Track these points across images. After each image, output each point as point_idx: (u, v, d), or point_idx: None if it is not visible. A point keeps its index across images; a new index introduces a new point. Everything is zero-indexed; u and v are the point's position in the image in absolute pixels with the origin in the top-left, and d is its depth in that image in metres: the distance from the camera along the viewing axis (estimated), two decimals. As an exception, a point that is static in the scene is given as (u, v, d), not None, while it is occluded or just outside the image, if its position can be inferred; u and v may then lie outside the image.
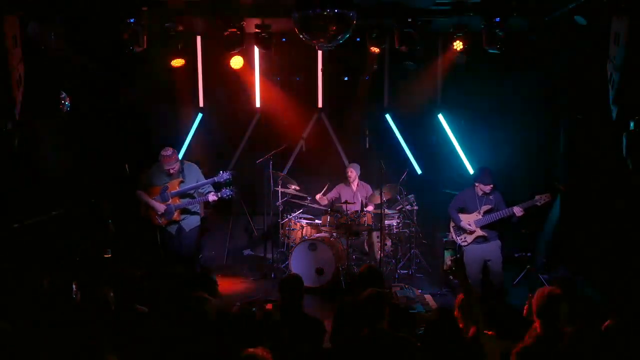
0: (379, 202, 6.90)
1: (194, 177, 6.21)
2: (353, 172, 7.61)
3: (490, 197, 6.01)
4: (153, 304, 4.10)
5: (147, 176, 6.16)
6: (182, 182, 6.11)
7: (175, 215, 6.04)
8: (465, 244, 6.09)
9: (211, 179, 6.15)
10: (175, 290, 4.45)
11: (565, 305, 3.20)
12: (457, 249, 6.47)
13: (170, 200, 6.01)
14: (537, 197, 5.77)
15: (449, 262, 7.21)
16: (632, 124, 4.53)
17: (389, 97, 8.72)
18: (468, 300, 3.61)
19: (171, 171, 6.06)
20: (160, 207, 6.02)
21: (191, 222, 6.18)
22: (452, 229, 6.26)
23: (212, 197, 6.06)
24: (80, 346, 3.21)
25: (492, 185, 5.95)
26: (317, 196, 7.60)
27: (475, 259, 6.03)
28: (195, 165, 6.40)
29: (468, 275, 6.09)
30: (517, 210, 5.79)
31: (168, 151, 6.05)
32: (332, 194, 7.71)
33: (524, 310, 3.52)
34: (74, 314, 3.69)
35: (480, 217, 5.99)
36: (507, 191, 6.18)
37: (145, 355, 3.37)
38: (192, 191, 6.17)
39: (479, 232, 5.99)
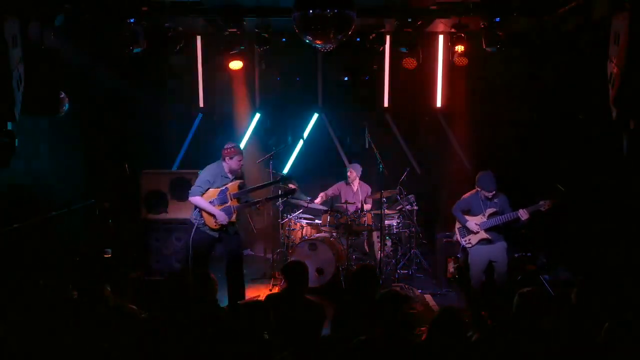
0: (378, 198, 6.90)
1: (245, 180, 6.07)
2: (353, 173, 7.62)
3: (495, 200, 5.97)
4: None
5: (205, 182, 5.82)
6: (240, 184, 5.92)
7: (233, 217, 5.81)
8: (470, 245, 6.05)
9: (272, 182, 6.15)
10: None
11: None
12: (460, 250, 6.43)
13: (230, 202, 5.80)
14: (541, 202, 5.74)
15: (451, 270, 7.21)
16: (632, 124, 4.52)
17: (389, 97, 8.72)
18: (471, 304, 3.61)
19: (240, 167, 5.86)
20: (221, 217, 5.71)
21: (234, 227, 6.01)
22: (456, 230, 6.21)
23: (260, 206, 5.96)
24: (78, 347, 3.22)
25: (494, 192, 5.93)
26: (316, 201, 7.61)
27: (480, 260, 5.98)
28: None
29: (471, 276, 6.07)
30: (523, 214, 5.75)
31: (233, 144, 5.87)
32: (332, 191, 7.71)
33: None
34: (72, 315, 3.68)
35: (485, 219, 5.97)
36: (508, 191, 6.17)
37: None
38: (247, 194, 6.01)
39: (484, 235, 5.96)
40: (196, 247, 5.82)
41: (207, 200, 5.73)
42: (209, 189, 5.77)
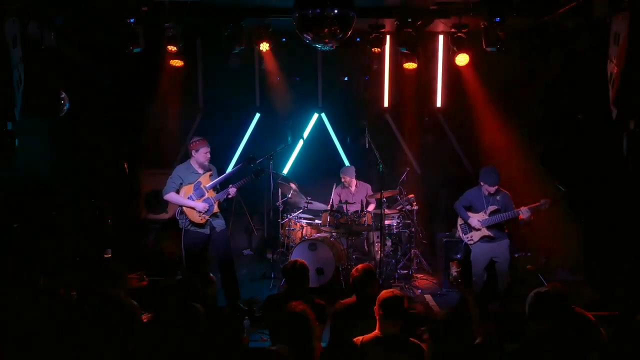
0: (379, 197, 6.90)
1: (216, 170, 6.19)
2: (347, 178, 7.59)
3: (497, 197, 5.98)
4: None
5: (177, 179, 5.92)
6: (211, 174, 6.04)
7: (215, 208, 5.92)
8: (472, 242, 6.05)
9: (240, 165, 6.18)
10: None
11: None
12: (462, 247, 6.41)
13: (207, 194, 5.91)
14: (542, 201, 5.74)
15: (454, 273, 7.18)
16: (632, 124, 4.53)
17: (388, 97, 8.73)
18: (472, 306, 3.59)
19: (208, 161, 5.96)
20: (201, 206, 5.83)
21: (221, 222, 6.08)
22: (458, 227, 6.22)
23: (232, 190, 5.96)
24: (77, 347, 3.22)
25: (497, 186, 5.93)
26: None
27: (482, 257, 5.98)
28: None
29: (473, 274, 6.06)
30: (524, 212, 5.76)
31: (197, 137, 5.97)
32: (333, 199, 7.69)
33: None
34: (72, 315, 3.69)
35: (487, 217, 5.97)
36: (508, 191, 6.17)
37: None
38: (218, 185, 6.11)
39: (485, 232, 5.96)
40: (189, 249, 5.87)
41: (184, 198, 5.84)
42: (181, 184, 5.88)
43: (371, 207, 7.58)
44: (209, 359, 3.30)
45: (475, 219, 6.00)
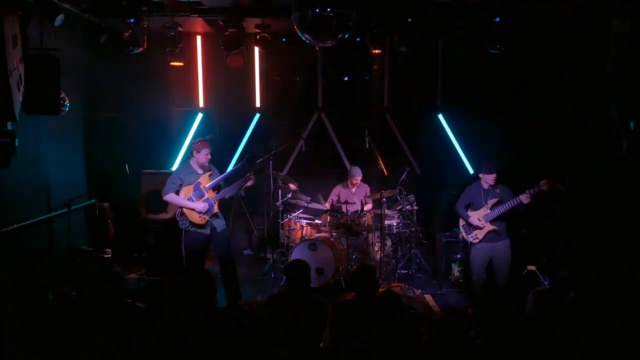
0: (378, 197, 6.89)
1: (217, 170, 6.19)
2: (357, 178, 7.52)
3: (497, 190, 5.96)
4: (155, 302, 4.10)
5: (177, 179, 5.93)
6: (211, 174, 6.04)
7: (216, 208, 5.93)
8: (477, 240, 6.00)
9: (240, 164, 6.19)
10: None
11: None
12: (468, 247, 6.39)
13: (207, 194, 5.92)
14: (542, 182, 5.71)
15: (456, 274, 7.19)
16: (632, 124, 4.53)
17: (389, 97, 8.73)
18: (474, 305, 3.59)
19: (208, 162, 5.98)
20: (201, 206, 5.84)
21: (222, 222, 6.08)
22: (461, 228, 6.18)
23: (250, 181, 5.96)
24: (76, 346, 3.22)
25: (495, 175, 5.91)
26: (327, 204, 7.61)
27: (482, 257, 5.96)
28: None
29: (472, 273, 6.06)
30: (524, 198, 5.73)
31: (200, 138, 6.00)
32: (332, 197, 7.70)
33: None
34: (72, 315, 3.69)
35: (489, 211, 5.95)
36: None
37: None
38: (222, 182, 6.11)
39: (490, 227, 5.94)
40: (189, 249, 5.87)
41: (184, 199, 5.84)
42: (181, 185, 5.88)
43: (368, 207, 7.56)
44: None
45: (476, 217, 5.99)
